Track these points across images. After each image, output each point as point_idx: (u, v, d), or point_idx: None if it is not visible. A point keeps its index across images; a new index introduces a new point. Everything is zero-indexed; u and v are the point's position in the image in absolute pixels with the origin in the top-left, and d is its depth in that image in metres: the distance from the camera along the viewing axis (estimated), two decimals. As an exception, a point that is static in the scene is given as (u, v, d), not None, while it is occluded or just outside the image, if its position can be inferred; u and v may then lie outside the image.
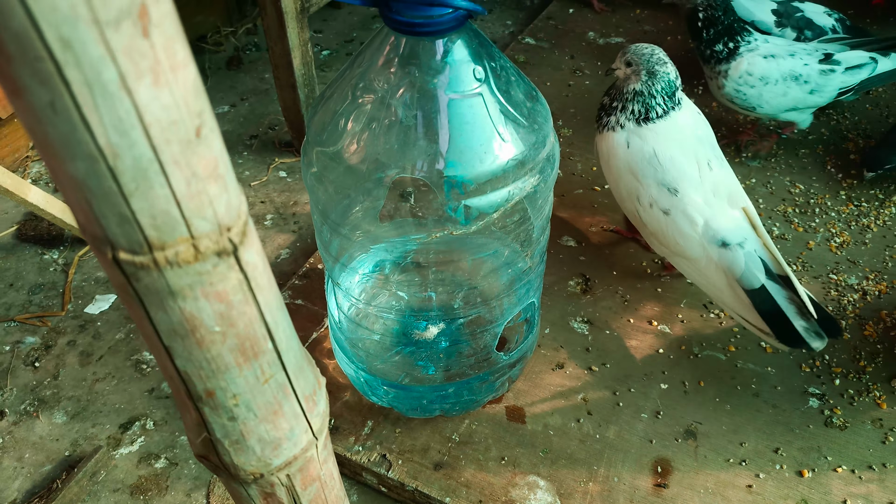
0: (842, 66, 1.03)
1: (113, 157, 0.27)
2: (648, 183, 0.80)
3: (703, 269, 0.79)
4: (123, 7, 0.24)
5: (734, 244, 0.77)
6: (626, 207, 0.85)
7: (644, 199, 0.81)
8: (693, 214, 0.78)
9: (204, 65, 1.46)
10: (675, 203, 0.79)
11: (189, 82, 0.28)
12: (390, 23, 0.56)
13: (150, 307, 0.33)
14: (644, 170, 0.80)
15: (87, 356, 0.94)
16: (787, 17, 1.16)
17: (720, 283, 0.77)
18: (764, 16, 1.17)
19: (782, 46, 1.04)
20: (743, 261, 0.75)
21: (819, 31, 1.15)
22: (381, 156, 0.59)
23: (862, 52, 1.04)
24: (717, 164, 0.81)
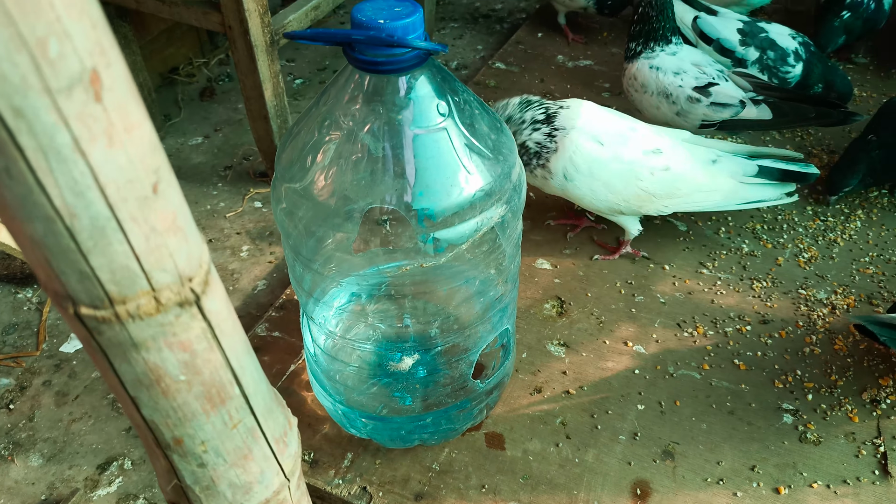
0: (708, 100, 1.07)
1: (70, 217, 0.27)
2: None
3: (715, 187, 0.96)
4: (74, 75, 0.24)
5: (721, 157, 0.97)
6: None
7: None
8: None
9: (177, 96, 1.46)
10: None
11: (144, 141, 0.28)
12: (354, 62, 0.57)
13: (113, 359, 0.33)
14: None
15: (62, 396, 0.93)
16: (752, 36, 1.19)
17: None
18: (729, 34, 1.20)
19: (676, 63, 1.08)
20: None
21: (782, 53, 1.18)
22: (348, 191, 0.60)
23: (734, 93, 1.07)
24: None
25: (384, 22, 0.54)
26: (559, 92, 1.39)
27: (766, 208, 1.10)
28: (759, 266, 1.00)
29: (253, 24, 0.99)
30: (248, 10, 0.97)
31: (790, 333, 0.91)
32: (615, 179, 0.93)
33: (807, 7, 1.64)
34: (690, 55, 1.10)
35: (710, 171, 0.96)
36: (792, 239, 1.04)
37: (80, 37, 0.24)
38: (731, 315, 0.93)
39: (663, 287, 0.98)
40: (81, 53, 0.24)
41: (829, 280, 0.98)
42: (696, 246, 1.04)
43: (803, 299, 0.95)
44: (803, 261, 1.01)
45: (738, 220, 1.08)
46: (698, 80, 1.07)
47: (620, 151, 0.92)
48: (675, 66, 1.08)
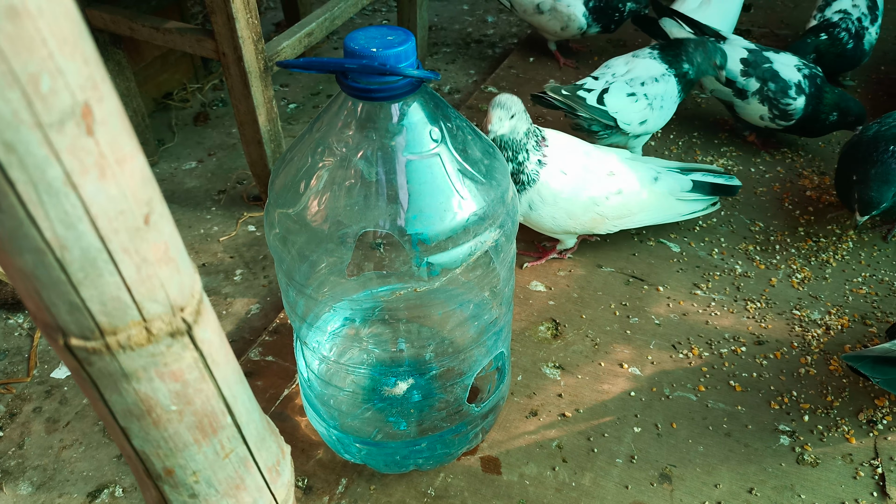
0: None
1: (60, 249, 0.27)
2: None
3: (658, 205, 1.02)
4: (66, 109, 0.24)
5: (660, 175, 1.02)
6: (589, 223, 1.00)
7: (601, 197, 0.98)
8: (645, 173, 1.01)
9: (171, 121, 1.46)
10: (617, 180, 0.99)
11: (136, 173, 0.28)
12: (347, 89, 0.57)
13: (104, 390, 0.33)
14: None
15: (53, 423, 0.92)
16: (755, 67, 1.19)
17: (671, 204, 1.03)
18: (731, 64, 1.20)
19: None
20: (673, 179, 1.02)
21: (783, 85, 1.18)
22: (342, 216, 0.60)
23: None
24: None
25: (377, 50, 0.55)
26: (551, 116, 1.40)
27: (758, 228, 1.10)
28: (752, 287, 1.00)
29: (247, 51, 0.99)
30: (242, 37, 0.98)
31: (785, 354, 0.91)
32: (576, 207, 0.97)
33: (793, 31, 1.66)
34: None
35: (654, 191, 1.02)
36: (785, 259, 1.05)
37: (73, 72, 0.24)
38: (726, 336, 0.93)
39: (658, 308, 0.98)
40: (73, 88, 0.24)
41: (823, 300, 0.98)
42: (690, 267, 1.04)
43: (797, 320, 0.95)
44: (796, 281, 1.01)
45: (730, 241, 1.09)
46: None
47: (582, 180, 0.97)
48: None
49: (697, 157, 1.27)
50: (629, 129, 1.12)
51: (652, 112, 1.13)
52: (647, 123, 1.13)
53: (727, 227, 1.11)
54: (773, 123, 1.21)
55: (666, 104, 1.14)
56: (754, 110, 1.21)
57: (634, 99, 1.12)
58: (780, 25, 1.69)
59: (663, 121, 1.16)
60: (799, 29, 1.67)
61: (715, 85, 1.23)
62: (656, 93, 1.13)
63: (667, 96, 1.14)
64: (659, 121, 1.15)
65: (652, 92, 1.13)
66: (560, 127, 1.17)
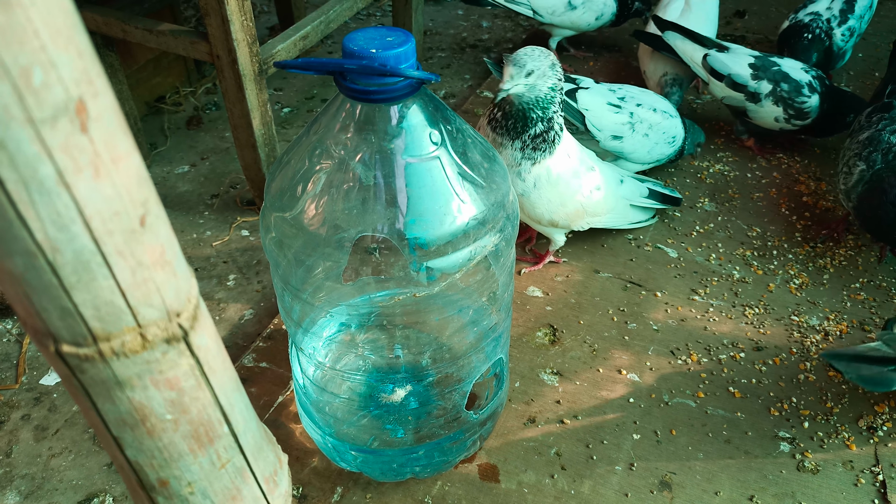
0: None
1: (52, 251, 0.26)
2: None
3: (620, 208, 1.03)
4: (59, 105, 0.23)
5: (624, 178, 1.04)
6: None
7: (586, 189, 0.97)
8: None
9: (163, 125, 1.45)
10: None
11: (132, 172, 0.27)
12: (345, 91, 0.56)
13: (96, 398, 0.32)
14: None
15: (42, 430, 0.90)
16: (764, 70, 1.19)
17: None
18: (740, 69, 1.20)
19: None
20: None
21: (796, 85, 1.18)
22: (339, 220, 0.59)
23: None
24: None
25: (376, 51, 0.54)
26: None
27: (755, 234, 1.10)
28: (750, 292, 1.00)
29: (241, 54, 0.98)
30: (237, 39, 0.97)
31: (784, 360, 0.90)
32: (568, 195, 0.96)
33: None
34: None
35: (618, 194, 1.03)
36: (782, 265, 1.04)
37: (66, 66, 0.23)
38: (725, 342, 0.93)
39: (656, 314, 0.97)
40: (67, 83, 0.23)
41: (821, 306, 0.98)
42: (688, 273, 1.04)
43: (796, 326, 0.95)
44: (794, 287, 1.00)
45: (728, 246, 1.08)
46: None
47: (577, 168, 0.96)
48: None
49: (694, 163, 1.26)
50: (599, 136, 1.09)
51: (633, 134, 1.10)
52: (623, 142, 1.10)
53: (724, 233, 1.11)
54: (789, 124, 1.21)
55: (652, 136, 1.11)
56: (769, 112, 1.21)
57: (615, 111, 1.10)
58: (775, 32, 1.70)
59: (644, 152, 1.12)
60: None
61: (726, 92, 1.22)
62: (647, 119, 1.11)
63: (657, 130, 1.11)
64: (639, 148, 1.11)
65: (642, 115, 1.11)
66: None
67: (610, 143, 1.10)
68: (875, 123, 1.03)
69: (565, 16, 1.49)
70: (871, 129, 1.03)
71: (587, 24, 1.51)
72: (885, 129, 1.01)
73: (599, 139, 1.10)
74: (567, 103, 1.09)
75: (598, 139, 1.10)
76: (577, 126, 1.09)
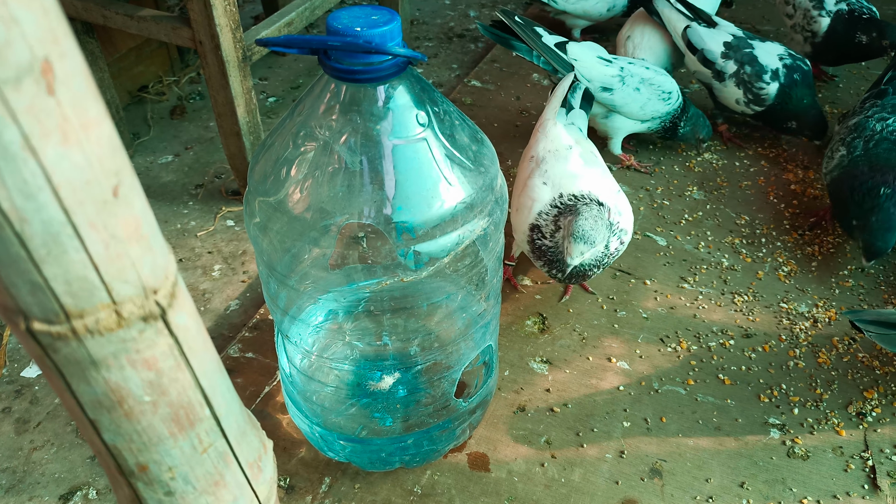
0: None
1: (20, 221, 0.25)
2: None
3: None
4: (23, 64, 0.22)
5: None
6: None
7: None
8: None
9: (146, 115, 1.43)
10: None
11: (104, 140, 0.26)
12: (330, 70, 0.55)
13: (70, 379, 0.31)
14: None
15: (23, 423, 0.88)
16: (735, 50, 1.20)
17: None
18: (714, 46, 1.20)
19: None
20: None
21: (759, 70, 1.18)
22: (325, 204, 0.57)
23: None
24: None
25: (361, 29, 0.53)
26: (535, 109, 1.39)
27: (744, 222, 1.10)
28: (739, 280, 1.00)
29: (224, 40, 0.96)
30: (220, 25, 0.95)
31: (773, 347, 0.90)
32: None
33: (774, 27, 1.66)
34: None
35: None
36: (771, 252, 1.04)
37: (30, 23, 0.22)
38: (714, 329, 0.92)
39: (645, 302, 0.96)
40: (31, 41, 0.22)
41: (810, 293, 0.98)
42: (677, 261, 1.03)
43: (785, 313, 0.95)
44: (783, 274, 1.00)
45: (716, 234, 1.08)
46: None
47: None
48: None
49: (681, 151, 1.26)
50: (589, 87, 1.10)
51: (622, 86, 1.12)
52: (613, 94, 1.12)
53: (713, 221, 1.10)
54: (748, 108, 1.21)
55: (644, 90, 1.13)
56: (731, 93, 1.21)
57: (606, 64, 1.12)
58: (762, 20, 1.70)
59: (637, 107, 1.14)
60: (780, 25, 1.67)
61: (697, 66, 1.23)
62: (638, 74, 1.13)
63: (649, 84, 1.13)
64: (630, 102, 1.13)
65: (633, 70, 1.13)
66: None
67: (600, 95, 1.12)
68: (866, 110, 1.03)
69: (578, 4, 1.50)
70: (860, 115, 1.03)
71: (599, 13, 1.52)
72: (872, 116, 1.01)
73: (590, 90, 1.10)
74: (556, 53, 1.10)
75: (593, 92, 1.11)
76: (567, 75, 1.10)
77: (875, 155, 0.97)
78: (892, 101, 1.03)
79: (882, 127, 1.00)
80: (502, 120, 1.36)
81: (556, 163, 0.89)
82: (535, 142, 0.95)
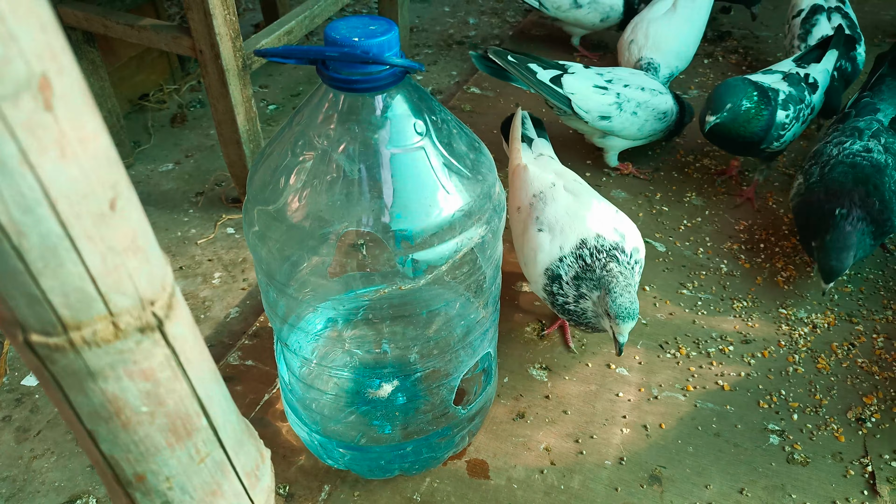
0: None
1: (17, 235, 0.25)
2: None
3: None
4: (21, 80, 0.22)
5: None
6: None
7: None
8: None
9: (147, 123, 1.43)
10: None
11: (100, 153, 0.26)
12: (328, 80, 0.55)
13: (68, 390, 0.31)
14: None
15: (23, 432, 0.88)
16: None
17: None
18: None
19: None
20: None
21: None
22: (324, 212, 0.58)
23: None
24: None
25: (359, 39, 0.53)
26: (535, 115, 1.40)
27: (742, 227, 1.10)
28: (738, 286, 1.00)
29: (224, 49, 0.97)
30: (220, 34, 0.96)
31: (773, 353, 0.90)
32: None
33: (773, 32, 1.67)
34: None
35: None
36: (770, 258, 1.04)
37: (28, 39, 0.22)
38: (713, 335, 0.92)
39: (644, 308, 0.97)
40: (29, 57, 0.22)
41: (809, 299, 0.98)
42: (676, 267, 1.03)
43: (784, 318, 0.95)
44: (782, 280, 1.00)
45: (715, 240, 1.08)
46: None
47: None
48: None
49: (680, 157, 1.26)
50: (587, 117, 1.12)
51: (620, 113, 1.12)
52: (612, 121, 1.13)
53: (712, 227, 1.11)
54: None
55: (642, 113, 1.13)
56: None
57: (602, 92, 1.12)
58: (760, 27, 1.70)
59: (635, 129, 1.15)
60: (778, 31, 1.67)
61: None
62: (634, 98, 1.13)
63: (646, 107, 1.14)
64: (628, 126, 1.14)
65: (629, 95, 1.13)
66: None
67: (599, 123, 1.13)
68: (829, 134, 1.02)
69: (570, 13, 1.51)
70: (822, 141, 1.02)
71: (592, 23, 1.53)
72: (831, 141, 1.00)
73: (588, 120, 1.12)
74: (552, 89, 1.10)
75: (586, 120, 1.12)
76: (565, 109, 1.12)
77: (830, 180, 0.95)
78: (853, 123, 1.01)
79: (838, 151, 0.97)
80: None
81: (545, 207, 0.85)
82: (515, 191, 0.92)
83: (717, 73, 1.53)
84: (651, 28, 1.32)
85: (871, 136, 0.98)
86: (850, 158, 0.95)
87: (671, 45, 1.31)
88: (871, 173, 0.93)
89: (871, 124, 1.00)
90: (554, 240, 0.82)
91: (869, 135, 0.98)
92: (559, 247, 0.81)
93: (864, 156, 0.95)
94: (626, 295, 0.74)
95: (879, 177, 0.93)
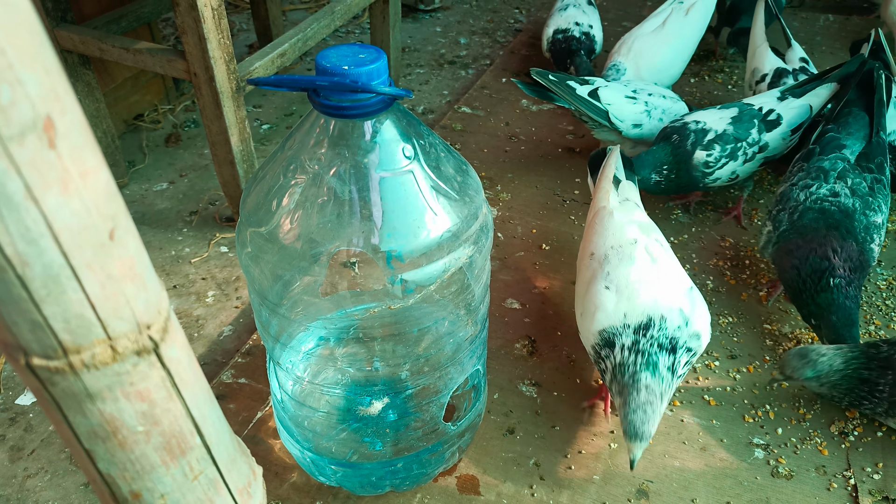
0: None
1: (21, 265, 0.26)
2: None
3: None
4: (27, 122, 0.24)
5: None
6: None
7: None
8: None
9: (141, 143, 1.45)
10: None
11: (100, 187, 0.28)
12: (319, 107, 0.57)
13: (67, 411, 0.32)
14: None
15: (17, 451, 0.89)
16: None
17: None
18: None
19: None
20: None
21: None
22: (315, 233, 0.59)
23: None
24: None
25: (348, 68, 0.55)
26: (524, 135, 1.42)
27: (728, 244, 1.12)
28: (724, 301, 1.02)
29: (219, 72, 0.99)
30: (214, 57, 0.97)
31: (757, 368, 0.92)
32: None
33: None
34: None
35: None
36: (754, 274, 1.06)
37: (34, 83, 0.24)
38: (700, 351, 0.94)
39: (632, 324, 0.98)
40: (35, 100, 0.24)
41: (793, 314, 0.99)
42: (663, 283, 1.05)
43: (769, 333, 0.96)
44: (766, 295, 1.02)
45: (701, 257, 1.10)
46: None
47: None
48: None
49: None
50: (622, 126, 1.18)
51: (649, 120, 1.19)
52: (642, 129, 1.19)
53: (698, 244, 1.13)
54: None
55: (666, 119, 1.20)
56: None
57: (633, 102, 1.18)
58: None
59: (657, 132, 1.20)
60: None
61: None
62: (659, 105, 1.20)
63: (669, 113, 1.20)
64: (654, 130, 1.20)
65: (655, 102, 1.20)
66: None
67: (632, 132, 1.19)
68: (794, 174, 0.98)
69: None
70: (786, 183, 0.98)
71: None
72: (797, 184, 0.96)
73: (622, 129, 1.18)
74: (591, 103, 1.16)
75: (620, 129, 1.18)
76: (602, 122, 1.17)
77: (802, 227, 0.92)
78: (818, 163, 0.97)
79: (805, 196, 0.94)
80: (492, 146, 1.39)
81: (619, 264, 0.80)
82: (593, 235, 0.86)
83: (703, 92, 1.56)
84: (636, 43, 1.36)
85: (837, 177, 0.94)
86: (818, 204, 0.93)
87: (653, 61, 1.34)
88: (840, 219, 0.91)
89: (836, 164, 0.96)
90: (619, 304, 0.76)
91: (835, 176, 0.94)
92: (623, 314, 0.75)
93: (832, 200, 0.92)
94: (640, 413, 0.68)
95: (849, 222, 0.90)
